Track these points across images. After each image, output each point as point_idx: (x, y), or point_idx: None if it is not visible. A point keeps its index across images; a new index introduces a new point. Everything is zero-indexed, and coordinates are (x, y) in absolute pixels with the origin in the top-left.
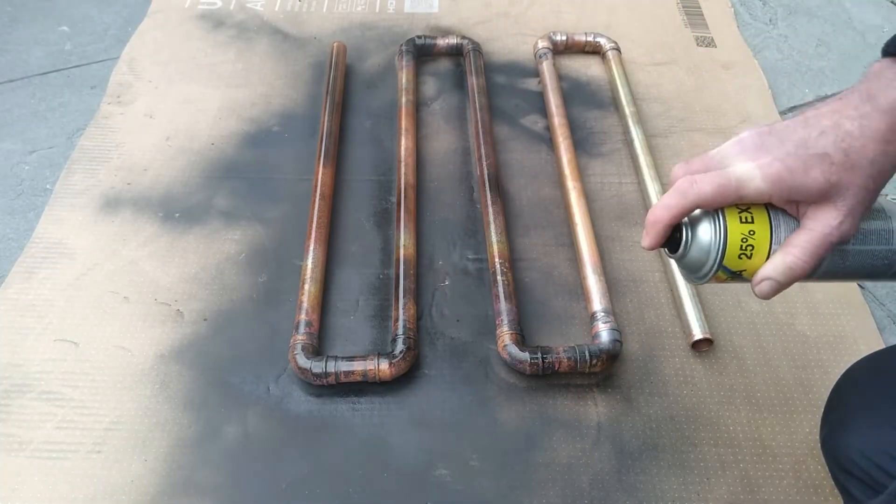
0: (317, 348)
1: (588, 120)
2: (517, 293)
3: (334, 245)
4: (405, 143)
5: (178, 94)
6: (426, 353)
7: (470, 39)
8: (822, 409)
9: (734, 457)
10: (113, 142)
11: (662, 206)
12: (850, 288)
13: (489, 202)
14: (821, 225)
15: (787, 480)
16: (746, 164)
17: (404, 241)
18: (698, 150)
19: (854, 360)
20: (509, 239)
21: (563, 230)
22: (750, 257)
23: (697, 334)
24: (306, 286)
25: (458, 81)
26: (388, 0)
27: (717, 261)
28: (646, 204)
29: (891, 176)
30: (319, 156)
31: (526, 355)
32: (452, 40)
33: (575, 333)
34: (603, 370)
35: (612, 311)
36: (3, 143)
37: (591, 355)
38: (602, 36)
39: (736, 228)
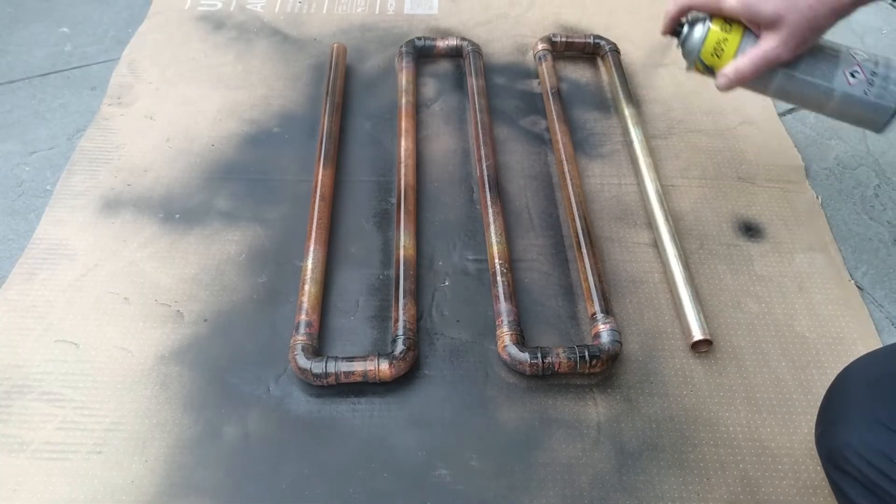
0: (317, 349)
1: (588, 121)
2: (517, 294)
3: (334, 246)
4: (405, 144)
5: (179, 95)
6: (426, 353)
7: (470, 41)
8: (819, 405)
9: (734, 457)
10: (113, 143)
11: (672, 2)
12: (849, 290)
13: (489, 203)
14: (764, 45)
15: (787, 481)
16: None
17: (404, 242)
18: (698, 151)
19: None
20: (509, 240)
21: (562, 231)
22: (720, 57)
23: (697, 335)
24: (306, 287)
25: (458, 83)
26: (388, 1)
27: (697, 53)
28: (645, 205)
29: (826, 25)
30: (319, 157)
31: (526, 356)
32: (452, 42)
33: (575, 334)
34: (603, 371)
35: (612, 312)
36: (4, 144)
37: (590, 356)
38: (601, 38)
39: (715, 34)
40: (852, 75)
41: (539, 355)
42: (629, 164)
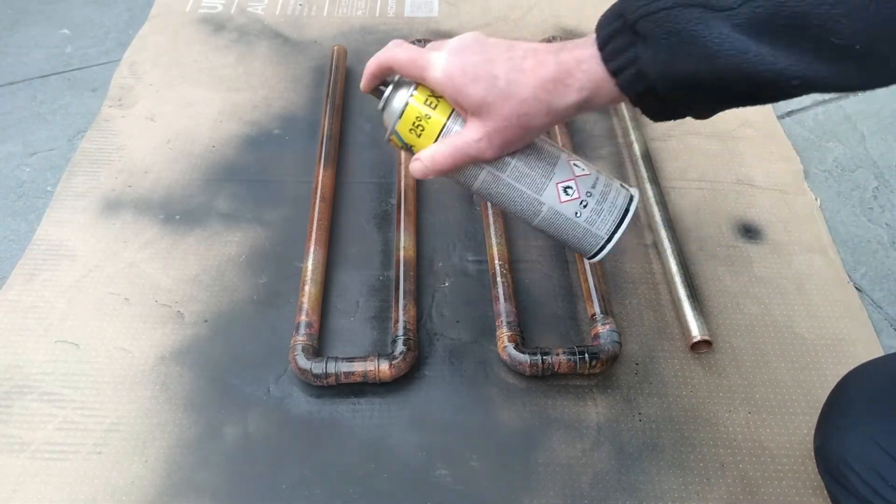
0: (317, 349)
1: (587, 123)
2: (517, 295)
3: (334, 247)
4: None
5: (179, 97)
6: (426, 354)
7: None
8: (819, 414)
9: (733, 457)
10: (114, 144)
11: (373, 57)
12: (847, 292)
13: (489, 204)
14: (465, 134)
15: (787, 481)
16: (442, 54)
17: (404, 243)
18: (697, 153)
19: (851, 362)
20: (509, 241)
21: None
22: (419, 136)
23: (696, 336)
24: (306, 287)
25: None
26: (388, 4)
27: (394, 125)
28: (645, 206)
29: (540, 127)
30: (320, 158)
31: (525, 356)
32: None
33: (574, 335)
34: (602, 371)
35: (612, 313)
36: (4, 145)
37: (590, 356)
38: None
39: (417, 107)
40: (565, 191)
41: (539, 356)
42: (629, 165)
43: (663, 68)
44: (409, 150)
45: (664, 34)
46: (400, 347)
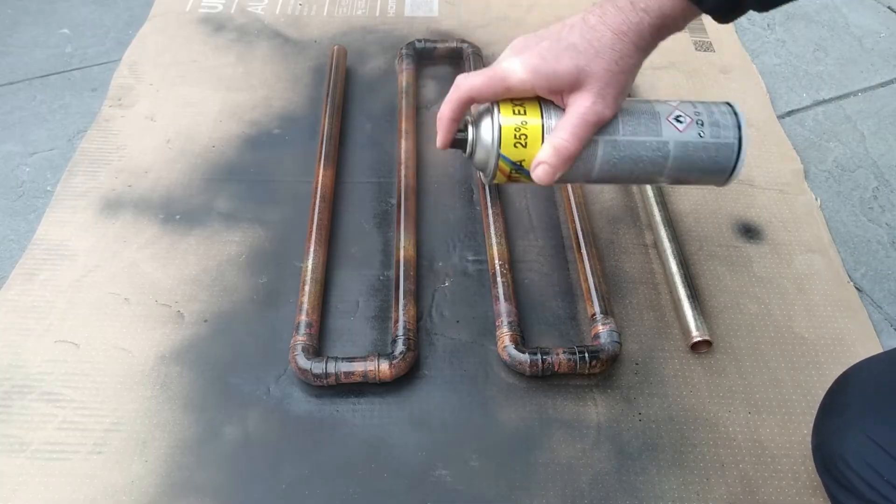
0: (317, 349)
1: None
2: (517, 294)
3: (335, 246)
4: (405, 146)
5: (179, 96)
6: (426, 353)
7: (470, 43)
8: (816, 413)
9: (733, 457)
10: (114, 144)
11: (444, 102)
12: (848, 292)
13: (489, 204)
14: (577, 107)
15: (786, 481)
16: (510, 58)
17: (404, 243)
18: None
19: (851, 362)
20: (509, 241)
21: (562, 232)
22: (525, 146)
23: (696, 336)
24: (307, 287)
25: None
26: (389, 4)
27: (497, 151)
28: (645, 206)
29: (634, 65)
30: (320, 158)
31: (525, 356)
32: (452, 44)
33: (575, 335)
34: (602, 371)
35: (612, 313)
36: (4, 144)
37: (590, 356)
38: None
39: (509, 120)
40: (678, 120)
41: (539, 356)
42: None
43: None
44: (520, 168)
45: None
46: (400, 347)
